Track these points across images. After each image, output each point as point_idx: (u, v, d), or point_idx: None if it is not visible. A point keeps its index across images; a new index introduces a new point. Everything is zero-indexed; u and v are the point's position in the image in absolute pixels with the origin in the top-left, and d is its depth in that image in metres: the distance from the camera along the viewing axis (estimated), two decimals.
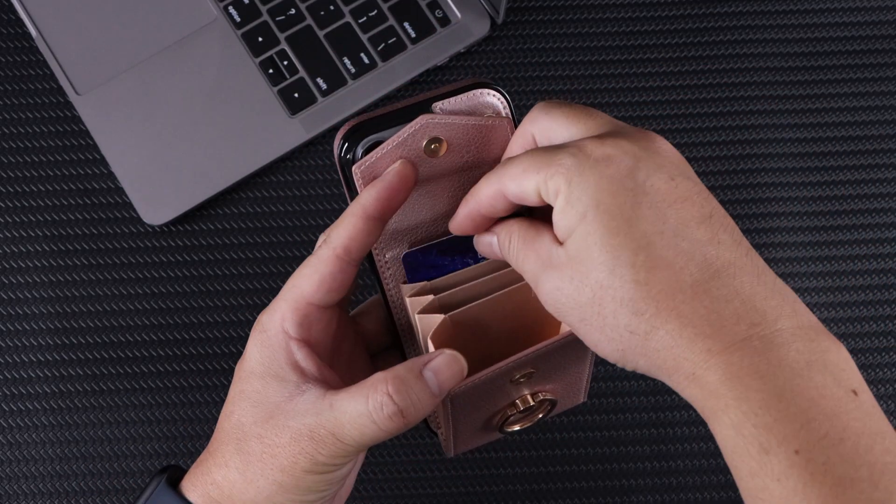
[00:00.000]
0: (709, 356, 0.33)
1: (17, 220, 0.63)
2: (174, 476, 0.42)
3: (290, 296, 0.41)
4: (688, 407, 0.61)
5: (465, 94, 0.39)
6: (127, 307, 0.62)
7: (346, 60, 0.65)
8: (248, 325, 0.61)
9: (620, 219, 0.34)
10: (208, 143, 0.63)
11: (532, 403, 0.43)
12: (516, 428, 0.44)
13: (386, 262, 0.42)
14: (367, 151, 0.39)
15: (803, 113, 0.66)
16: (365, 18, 0.66)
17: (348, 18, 0.66)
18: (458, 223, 0.40)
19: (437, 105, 0.39)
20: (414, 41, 0.66)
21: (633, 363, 0.35)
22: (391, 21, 0.66)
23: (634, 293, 0.34)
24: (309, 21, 0.66)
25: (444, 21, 0.66)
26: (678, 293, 0.33)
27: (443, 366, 0.38)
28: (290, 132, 0.64)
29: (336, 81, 0.65)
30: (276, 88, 0.65)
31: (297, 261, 0.62)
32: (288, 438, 0.39)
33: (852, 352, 0.62)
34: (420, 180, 0.40)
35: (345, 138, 0.39)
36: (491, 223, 0.40)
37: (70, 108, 0.65)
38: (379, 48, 0.66)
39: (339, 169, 0.40)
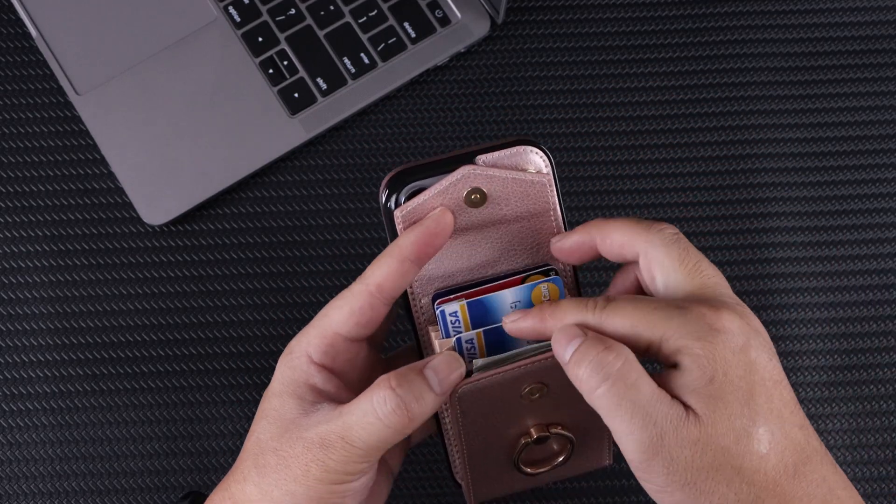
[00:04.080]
0: None
1: (17, 220, 0.63)
2: (198, 501, 0.43)
3: (319, 323, 0.42)
4: None
5: (509, 149, 0.41)
6: (127, 307, 0.62)
7: (346, 60, 0.65)
8: (249, 325, 0.61)
9: (743, 392, 0.37)
10: (208, 143, 0.63)
11: (546, 434, 0.43)
12: (540, 471, 0.45)
13: (421, 308, 0.43)
14: (409, 198, 0.41)
15: (803, 113, 0.67)
16: (365, 18, 0.66)
17: (348, 18, 0.66)
18: (569, 247, 0.42)
19: (481, 158, 0.41)
20: (414, 41, 0.66)
21: None
22: (391, 21, 0.66)
23: (753, 464, 0.37)
24: (309, 21, 0.66)
25: (444, 21, 0.66)
26: (783, 472, 0.37)
27: (442, 363, 0.40)
28: (290, 132, 0.64)
29: (336, 81, 0.65)
30: (276, 88, 0.65)
31: (297, 261, 0.63)
32: (301, 448, 0.40)
33: (852, 352, 0.62)
34: (459, 229, 0.41)
35: (389, 184, 0.41)
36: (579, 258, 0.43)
37: (70, 108, 0.65)
38: (379, 48, 0.66)
39: (382, 213, 0.42)
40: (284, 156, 0.64)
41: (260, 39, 0.66)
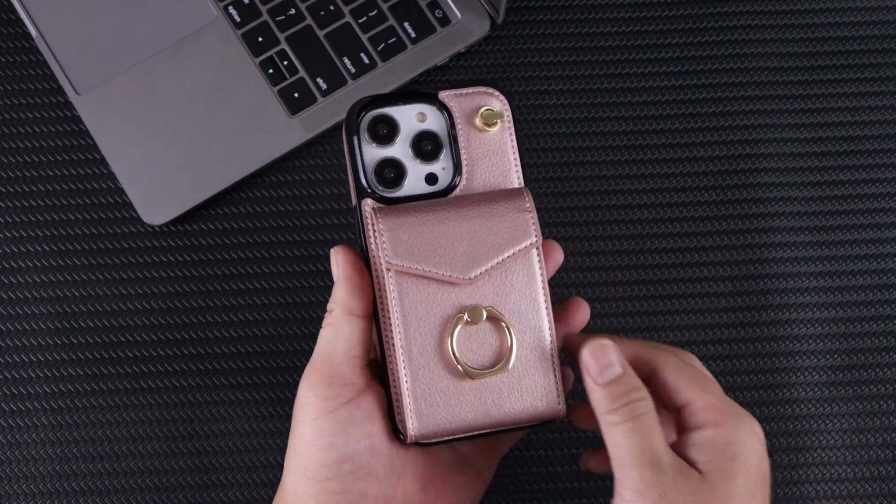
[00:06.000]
0: None
1: (17, 220, 0.63)
2: None
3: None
4: None
5: (471, 88, 0.46)
6: (127, 307, 0.62)
7: (346, 60, 0.65)
8: (249, 325, 0.61)
9: (754, 481, 0.41)
10: (208, 142, 0.63)
11: (479, 309, 0.42)
12: (484, 372, 0.42)
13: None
14: (371, 123, 0.45)
15: (803, 113, 0.67)
16: (365, 18, 0.66)
17: (348, 18, 0.66)
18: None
19: (443, 93, 0.46)
20: (414, 41, 0.66)
21: None
22: (391, 21, 0.66)
23: None
24: (309, 21, 0.66)
25: (444, 21, 0.66)
26: None
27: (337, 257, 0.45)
28: (290, 132, 0.64)
29: (336, 81, 0.65)
30: (276, 88, 0.65)
31: (297, 261, 0.63)
32: (295, 421, 0.43)
33: (852, 352, 0.62)
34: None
35: (354, 112, 0.45)
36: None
37: (70, 108, 0.65)
38: (379, 48, 0.66)
39: (345, 146, 0.45)
40: (284, 156, 0.64)
41: (260, 39, 0.66)
